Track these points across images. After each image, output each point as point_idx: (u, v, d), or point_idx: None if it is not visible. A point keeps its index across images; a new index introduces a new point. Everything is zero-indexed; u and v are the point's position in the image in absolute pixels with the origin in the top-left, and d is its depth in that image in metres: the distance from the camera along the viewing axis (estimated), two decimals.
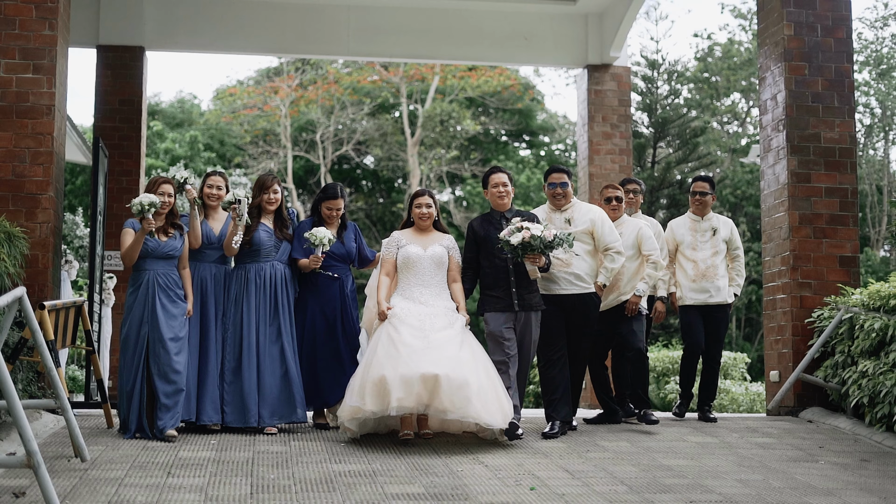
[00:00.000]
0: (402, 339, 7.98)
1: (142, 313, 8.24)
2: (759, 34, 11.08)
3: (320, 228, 8.73)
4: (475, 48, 15.69)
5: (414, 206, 8.74)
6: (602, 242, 8.90)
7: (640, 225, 9.45)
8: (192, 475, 6.85)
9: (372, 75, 34.89)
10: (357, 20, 15.15)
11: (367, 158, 36.78)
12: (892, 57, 34.55)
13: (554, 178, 9.06)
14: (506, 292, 8.52)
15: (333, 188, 9.09)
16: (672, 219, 10.65)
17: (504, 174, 8.87)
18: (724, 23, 46.02)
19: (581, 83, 15.73)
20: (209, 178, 8.93)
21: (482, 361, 8.13)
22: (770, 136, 10.72)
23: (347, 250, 9.09)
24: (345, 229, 9.15)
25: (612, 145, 15.11)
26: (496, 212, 8.83)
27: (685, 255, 9.92)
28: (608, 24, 15.25)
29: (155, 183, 8.44)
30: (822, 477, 7.37)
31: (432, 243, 8.60)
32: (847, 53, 10.58)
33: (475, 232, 8.77)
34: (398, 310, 8.24)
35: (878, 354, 9.12)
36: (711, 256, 9.86)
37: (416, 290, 8.43)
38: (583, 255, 8.85)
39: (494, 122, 36.19)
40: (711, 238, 9.90)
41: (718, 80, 35.45)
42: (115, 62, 14.55)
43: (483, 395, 7.84)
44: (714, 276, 9.82)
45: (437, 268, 8.53)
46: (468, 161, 35.49)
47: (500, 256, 8.48)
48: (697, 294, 9.81)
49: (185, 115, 38.36)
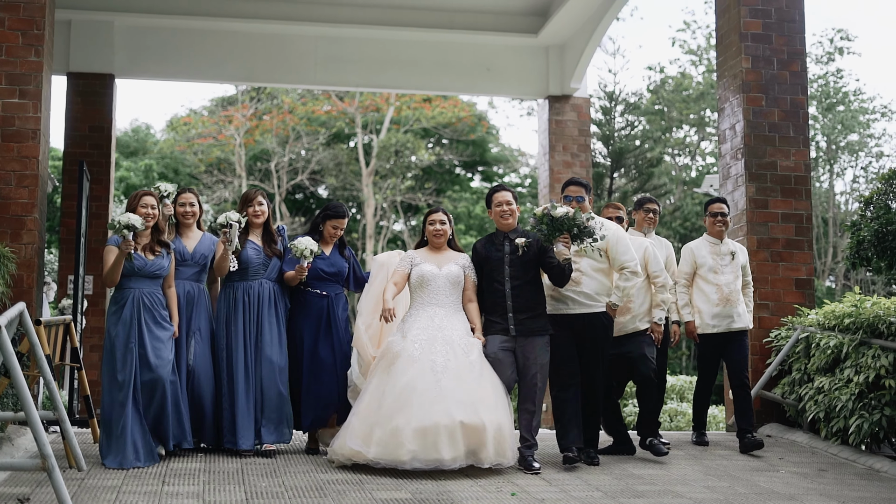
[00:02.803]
0: (412, 384, 7.52)
1: (127, 334, 7.87)
2: (719, 67, 11.58)
3: (303, 238, 8.42)
4: (440, 78, 16.19)
5: (427, 224, 8.33)
6: (617, 261, 8.30)
7: (647, 244, 8.99)
8: (187, 483, 7.11)
9: (326, 105, 35.22)
10: (324, 50, 15.56)
11: (321, 188, 37.02)
12: (838, 92, 35.49)
13: (571, 190, 8.47)
14: (503, 317, 8.05)
15: (341, 207, 8.90)
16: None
17: (508, 192, 8.32)
18: (675, 57, 46.95)
19: (542, 113, 16.23)
20: (181, 196, 8.69)
21: (500, 393, 7.76)
22: (729, 163, 11.20)
23: (338, 268, 8.75)
24: (343, 247, 8.89)
25: (573, 174, 15.51)
26: (500, 232, 8.29)
27: (706, 279, 9.44)
28: (569, 57, 15.77)
29: (136, 197, 8.14)
30: (784, 484, 7.78)
31: (447, 262, 8.21)
32: (801, 86, 11.09)
33: (478, 253, 8.32)
34: (409, 345, 7.76)
35: (833, 371, 9.55)
36: (734, 280, 9.43)
37: (430, 310, 8.02)
38: (592, 274, 8.28)
39: (449, 153, 36.63)
40: (731, 262, 9.49)
41: (669, 111, 36.18)
42: (86, 89, 14.85)
43: (500, 435, 7.52)
44: (737, 301, 9.37)
45: (452, 287, 8.13)
46: (422, 191, 35.85)
47: (499, 280, 8.09)
48: (719, 320, 9.36)
49: (139, 144, 38.44)
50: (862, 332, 9.19)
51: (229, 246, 8.29)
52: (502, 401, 7.73)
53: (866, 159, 36.92)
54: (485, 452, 7.44)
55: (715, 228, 9.56)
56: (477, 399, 7.53)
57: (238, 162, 34.90)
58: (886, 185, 8.54)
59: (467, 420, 7.38)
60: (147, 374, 7.84)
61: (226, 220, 8.31)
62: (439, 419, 7.34)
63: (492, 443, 7.45)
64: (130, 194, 8.32)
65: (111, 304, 8.15)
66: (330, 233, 8.79)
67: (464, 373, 7.65)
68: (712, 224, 9.57)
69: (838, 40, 35.74)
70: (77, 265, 11.53)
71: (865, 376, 8.95)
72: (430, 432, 7.33)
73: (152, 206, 8.09)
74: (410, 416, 7.37)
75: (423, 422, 7.34)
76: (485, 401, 7.56)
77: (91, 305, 13.98)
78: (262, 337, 8.39)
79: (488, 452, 7.45)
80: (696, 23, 46.02)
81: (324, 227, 8.81)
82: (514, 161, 38.70)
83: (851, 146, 36.39)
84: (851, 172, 37.33)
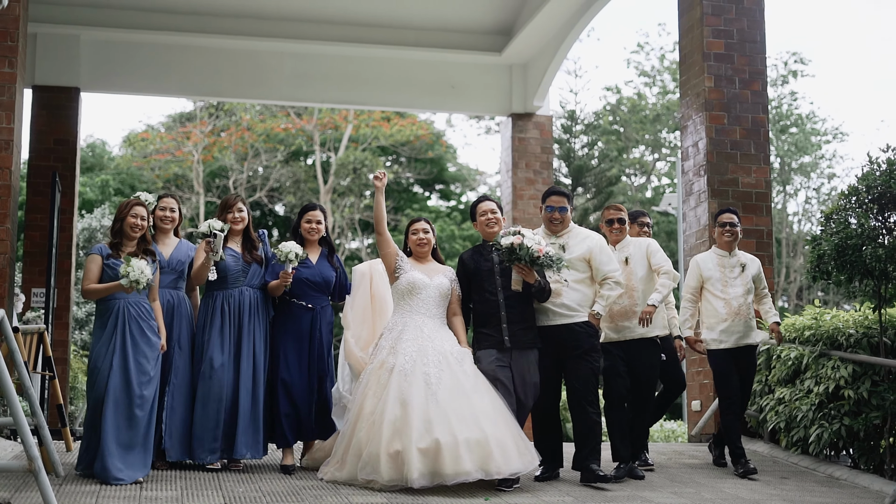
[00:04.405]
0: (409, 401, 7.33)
1: (111, 349, 7.63)
2: (682, 86, 11.85)
3: (288, 242, 8.13)
4: (404, 95, 16.37)
5: (411, 233, 8.13)
6: (600, 272, 8.10)
7: (648, 242, 8.81)
8: (165, 489, 7.20)
9: (285, 123, 35.26)
10: (291, 66, 15.71)
11: (279, 205, 37.03)
12: (791, 114, 36.07)
13: (553, 200, 8.28)
14: (496, 329, 7.85)
15: (311, 203, 8.54)
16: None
17: (492, 202, 8.21)
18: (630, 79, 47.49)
19: (505, 131, 16.45)
20: (162, 200, 8.44)
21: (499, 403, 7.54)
22: (692, 180, 11.45)
23: (325, 279, 8.35)
24: (332, 254, 8.50)
25: (535, 191, 15.77)
26: (486, 243, 8.13)
27: (714, 293, 8.97)
28: (532, 75, 16.01)
29: (127, 206, 7.92)
30: (749, 490, 8.00)
31: (436, 273, 8.00)
32: (763, 105, 11.37)
33: (465, 265, 8.12)
34: (400, 359, 7.54)
35: (793, 382, 9.76)
36: (744, 294, 8.94)
37: (419, 320, 7.78)
38: (574, 285, 8.05)
39: (407, 171, 36.79)
40: (741, 274, 9.03)
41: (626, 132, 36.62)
42: (51, 102, 14.81)
43: (505, 445, 7.33)
44: (747, 315, 8.90)
45: (441, 299, 7.92)
46: None
47: (491, 290, 7.93)
48: (728, 335, 8.88)
49: (95, 160, 38.25)
50: (822, 343, 9.40)
51: (213, 256, 8.07)
52: (502, 410, 7.52)
53: (818, 180, 37.64)
54: (492, 464, 7.22)
55: (723, 239, 9.12)
56: (478, 412, 7.35)
57: (196, 178, 34.81)
58: (846, 200, 8.78)
59: (471, 436, 7.20)
60: (129, 391, 7.57)
61: (209, 228, 8.13)
62: (441, 437, 7.14)
63: (498, 451, 7.24)
64: (120, 203, 8.00)
65: (96, 316, 7.90)
66: (305, 229, 8.40)
67: (459, 385, 7.47)
68: (721, 234, 9.13)
69: (793, 63, 36.37)
70: (49, 276, 11.55)
71: (825, 387, 9.17)
72: (432, 451, 7.13)
73: (142, 217, 7.90)
74: (412, 437, 7.16)
75: (427, 442, 7.14)
76: (486, 413, 7.37)
77: (55, 318, 13.95)
78: (243, 349, 8.10)
79: (497, 463, 7.23)
80: (650, 44, 46.63)
81: (301, 227, 8.46)
82: (472, 180, 38.93)
83: (804, 167, 37.05)
84: (804, 193, 38.03)
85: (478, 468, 7.16)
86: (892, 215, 8.59)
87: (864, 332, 9.21)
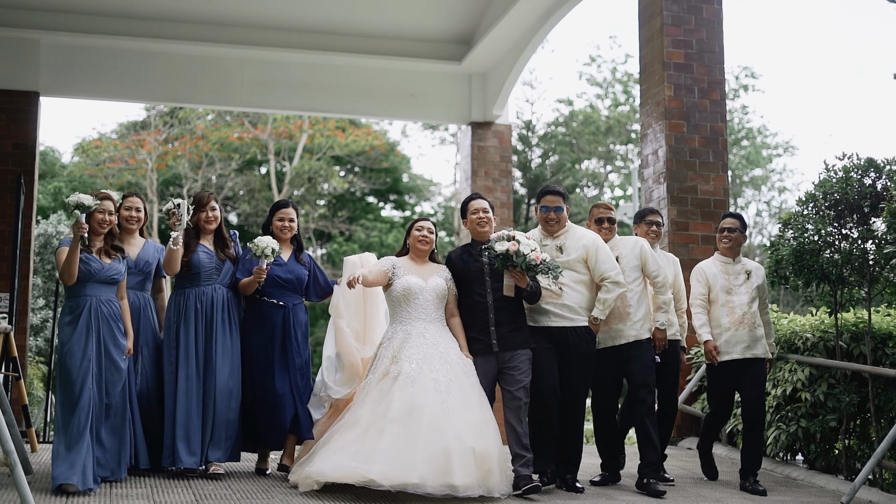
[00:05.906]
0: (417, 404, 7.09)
1: (83, 348, 7.36)
2: (642, 94, 12.05)
3: (264, 237, 7.92)
4: (364, 103, 16.51)
5: (415, 230, 7.86)
6: (597, 272, 7.85)
7: (641, 242, 8.38)
8: (135, 486, 7.25)
9: (239, 131, 35.22)
10: (251, 73, 15.78)
11: (233, 214, 36.96)
12: (742, 128, 36.55)
13: (548, 200, 8.03)
14: (484, 332, 7.62)
15: (283, 200, 8.36)
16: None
17: (484, 200, 7.97)
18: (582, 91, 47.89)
19: (465, 139, 16.62)
20: (127, 199, 8.22)
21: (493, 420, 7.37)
22: (651, 187, 11.64)
23: (297, 276, 8.20)
24: (300, 252, 8.33)
25: (494, 199, 15.91)
26: (476, 242, 7.87)
27: (717, 301, 8.57)
28: (491, 84, 16.19)
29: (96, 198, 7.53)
30: (710, 489, 8.22)
31: (432, 274, 7.75)
32: (721, 114, 11.59)
33: (454, 265, 7.88)
34: (405, 365, 7.29)
35: None
36: (750, 302, 8.52)
37: (419, 326, 7.55)
38: (574, 286, 7.82)
39: (361, 181, 36.85)
40: (746, 281, 8.61)
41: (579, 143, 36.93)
42: (10, 106, 14.76)
43: (503, 463, 7.26)
44: (753, 324, 8.44)
45: (439, 301, 7.67)
46: (336, 218, 36.01)
47: (480, 292, 7.69)
48: (732, 346, 8.44)
49: (47, 167, 37.94)
50: (779, 347, 9.62)
51: (179, 226, 7.81)
52: (496, 428, 7.35)
53: (769, 193, 38.19)
54: (493, 480, 7.06)
55: (722, 245, 8.74)
56: (483, 424, 7.20)
57: (150, 187, 34.65)
58: (804, 207, 8.99)
59: (478, 447, 7.01)
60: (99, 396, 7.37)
61: (171, 203, 7.85)
62: (450, 443, 6.91)
63: (497, 470, 7.11)
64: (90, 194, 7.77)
65: (64, 313, 7.56)
66: (277, 226, 8.25)
67: (467, 394, 7.28)
68: (720, 240, 8.76)
69: (744, 77, 36.85)
70: (13, 280, 11.53)
71: (783, 390, 9.37)
72: (441, 457, 6.87)
73: (109, 212, 7.62)
74: (420, 439, 6.93)
75: (434, 446, 6.90)
76: (488, 427, 7.24)
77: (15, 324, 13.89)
78: (215, 349, 7.88)
79: (496, 481, 7.08)
80: (602, 57, 47.09)
81: (273, 224, 8.29)
82: (427, 190, 39.07)
83: (755, 181, 37.58)
84: (755, 206, 38.54)
85: (481, 483, 6.99)
86: (848, 222, 8.81)
87: (820, 335, 9.42)
